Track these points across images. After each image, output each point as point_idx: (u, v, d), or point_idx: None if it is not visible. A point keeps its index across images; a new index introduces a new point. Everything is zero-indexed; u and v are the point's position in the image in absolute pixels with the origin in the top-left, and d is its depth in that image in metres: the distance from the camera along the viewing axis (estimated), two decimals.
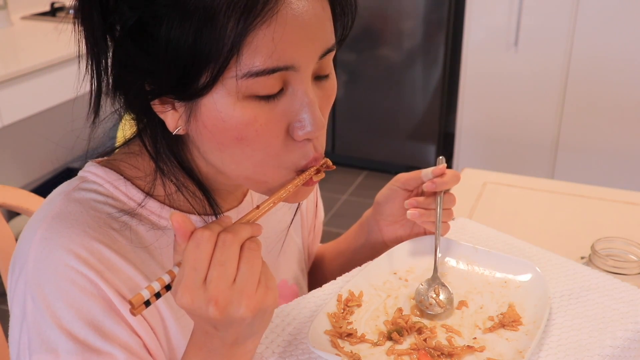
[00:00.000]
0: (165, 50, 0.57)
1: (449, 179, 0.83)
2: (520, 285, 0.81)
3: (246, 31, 0.55)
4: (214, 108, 0.59)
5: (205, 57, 0.56)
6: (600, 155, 2.81)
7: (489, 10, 2.80)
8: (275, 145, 0.61)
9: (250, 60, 0.56)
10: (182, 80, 0.58)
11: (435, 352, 0.70)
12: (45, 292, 0.62)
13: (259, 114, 0.59)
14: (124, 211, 0.67)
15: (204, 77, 0.57)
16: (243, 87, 0.57)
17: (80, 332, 0.62)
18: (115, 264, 0.64)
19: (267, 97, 0.59)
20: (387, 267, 0.84)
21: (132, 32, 0.59)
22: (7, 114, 2.05)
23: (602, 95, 2.72)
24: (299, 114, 0.61)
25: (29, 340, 0.62)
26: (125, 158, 0.70)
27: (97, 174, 0.69)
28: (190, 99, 0.59)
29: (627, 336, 0.72)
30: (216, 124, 0.59)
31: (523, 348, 0.70)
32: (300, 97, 0.60)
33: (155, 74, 0.59)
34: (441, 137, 3.34)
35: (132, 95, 0.63)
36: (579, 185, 1.38)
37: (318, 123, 0.61)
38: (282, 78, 0.59)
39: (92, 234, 0.64)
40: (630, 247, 0.95)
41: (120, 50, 0.61)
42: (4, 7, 2.53)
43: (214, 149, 0.62)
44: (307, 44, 0.59)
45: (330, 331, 0.73)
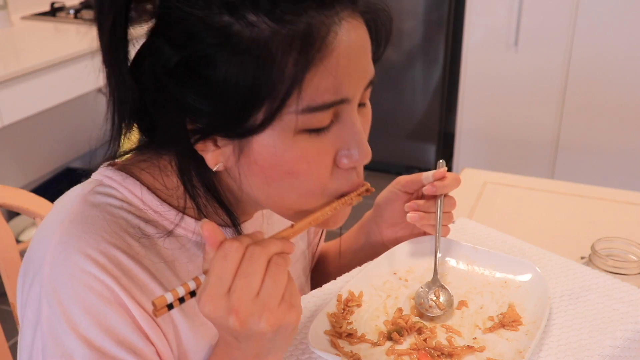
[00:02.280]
0: (220, 91, 0.56)
1: (450, 183, 0.83)
2: (520, 285, 0.81)
3: (307, 67, 0.56)
4: (267, 144, 0.58)
5: (263, 95, 0.56)
6: (600, 155, 2.81)
7: (489, 10, 2.80)
8: (323, 176, 0.62)
9: (311, 95, 0.57)
10: (236, 120, 0.57)
11: (435, 352, 0.70)
12: (62, 297, 0.61)
13: (310, 147, 0.59)
14: (139, 217, 0.66)
15: (260, 115, 0.57)
16: (300, 122, 0.58)
17: (96, 339, 0.61)
18: (131, 270, 0.64)
19: (318, 129, 0.59)
20: (387, 267, 0.84)
21: (174, 70, 0.58)
22: (7, 114, 2.05)
23: (602, 95, 2.72)
24: (347, 144, 0.61)
25: (44, 345, 0.62)
26: (143, 166, 0.69)
27: (113, 178, 0.67)
28: (243, 136, 0.59)
29: (627, 336, 0.72)
30: (268, 159, 0.59)
31: (523, 348, 0.70)
32: (349, 128, 0.61)
33: (204, 114, 0.58)
34: (441, 137, 3.34)
35: (170, 134, 0.61)
36: (579, 185, 1.38)
37: (366, 152, 0.62)
38: (335, 111, 0.60)
39: (109, 239, 0.63)
40: (630, 247, 0.95)
41: (156, 89, 0.59)
42: (4, 7, 2.53)
43: (260, 183, 0.62)
44: (359, 76, 0.61)
45: (330, 331, 0.73)
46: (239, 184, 0.64)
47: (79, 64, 2.25)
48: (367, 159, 0.63)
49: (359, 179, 0.65)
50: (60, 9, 2.73)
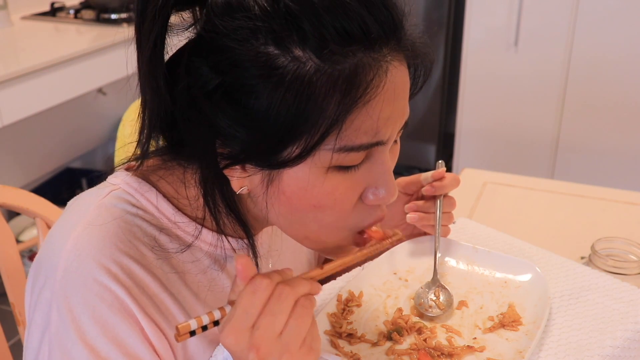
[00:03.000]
0: (258, 121, 0.56)
1: (449, 183, 0.83)
2: (520, 285, 0.81)
3: (349, 110, 0.55)
4: (298, 177, 0.58)
5: (301, 130, 0.55)
6: (600, 155, 2.81)
7: (489, 10, 2.80)
8: (348, 210, 0.62)
9: (349, 136, 0.56)
10: (269, 150, 0.57)
11: (435, 352, 0.70)
12: (72, 305, 0.61)
13: (340, 183, 0.60)
14: (154, 225, 0.66)
15: (296, 149, 0.56)
16: (334, 160, 0.57)
17: (102, 349, 0.61)
18: (143, 280, 0.64)
19: (349, 167, 0.59)
20: (387, 267, 0.84)
21: (211, 93, 0.57)
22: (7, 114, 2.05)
23: (602, 95, 2.72)
24: (375, 182, 0.62)
25: (50, 351, 0.62)
26: (162, 173, 0.68)
27: (130, 185, 0.67)
28: (275, 168, 0.58)
29: (627, 336, 0.72)
30: (297, 192, 0.59)
31: (523, 348, 0.70)
32: (379, 167, 0.61)
33: (238, 141, 0.58)
34: (441, 137, 3.34)
35: (199, 154, 0.61)
36: (579, 185, 1.38)
37: (392, 191, 0.62)
38: (369, 150, 0.60)
39: (123, 248, 0.63)
40: (630, 247, 0.95)
41: (190, 106, 0.59)
42: (4, 7, 2.53)
43: (284, 212, 0.62)
44: (399, 120, 0.61)
45: (330, 331, 0.73)
46: (262, 209, 0.63)
47: (79, 64, 2.25)
48: (393, 198, 0.63)
49: (383, 213, 0.65)
50: (60, 9, 2.73)
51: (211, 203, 0.64)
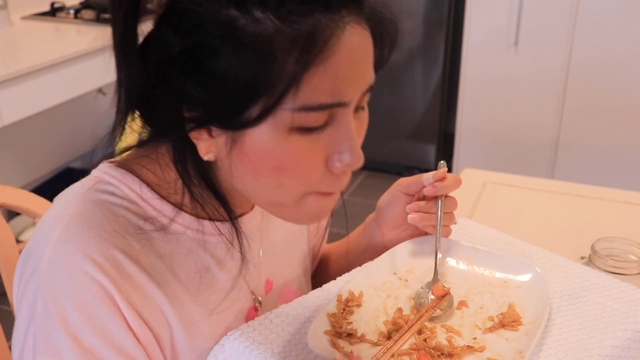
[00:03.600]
0: (220, 82, 0.57)
1: (450, 183, 0.83)
2: (520, 285, 0.81)
3: (306, 67, 0.56)
4: (259, 139, 0.59)
5: (261, 90, 0.56)
6: (600, 155, 2.81)
7: (489, 10, 2.80)
8: (313, 176, 0.62)
9: (308, 95, 0.57)
10: (231, 111, 0.58)
11: (435, 352, 0.70)
12: (58, 296, 0.61)
13: (302, 146, 0.60)
14: (138, 214, 0.67)
15: (256, 109, 0.57)
16: (295, 120, 0.58)
17: (87, 339, 0.61)
18: (127, 270, 0.64)
19: (312, 129, 0.60)
20: (387, 267, 0.84)
21: (177, 59, 0.58)
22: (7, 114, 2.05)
23: (602, 95, 2.72)
24: (340, 147, 0.62)
25: (35, 342, 0.62)
26: (142, 161, 0.69)
27: (112, 175, 0.68)
28: (237, 129, 0.59)
29: (627, 336, 0.72)
30: (258, 154, 0.60)
31: (523, 348, 0.70)
32: (343, 131, 0.61)
33: (201, 102, 0.59)
34: (441, 137, 3.34)
35: (167, 121, 0.62)
36: (579, 185, 1.38)
37: (358, 157, 0.62)
38: (330, 112, 0.60)
39: (108, 238, 0.63)
40: (630, 247, 0.95)
41: (158, 74, 0.60)
42: (4, 7, 2.53)
43: (248, 176, 0.63)
44: (358, 81, 0.61)
45: (330, 331, 0.73)
46: (229, 175, 0.64)
47: (79, 64, 2.25)
48: (359, 164, 0.63)
49: (344, 182, 0.65)
50: (60, 9, 2.73)
51: (184, 173, 0.65)
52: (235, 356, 0.71)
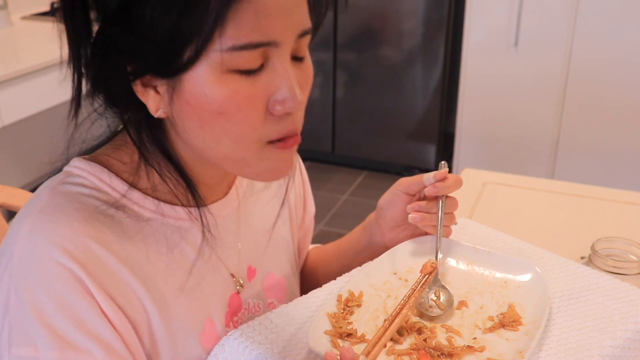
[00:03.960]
0: (149, 29, 0.58)
1: (451, 184, 0.83)
2: (520, 285, 0.81)
3: (229, 4, 0.57)
4: (196, 82, 0.60)
5: (189, 32, 0.58)
6: (600, 155, 2.81)
7: (489, 11, 2.80)
8: (255, 120, 0.63)
9: (234, 33, 0.58)
10: (165, 57, 0.59)
11: (435, 352, 0.70)
12: (30, 285, 0.62)
13: (240, 88, 0.61)
14: (109, 203, 0.67)
15: (187, 52, 0.58)
16: (226, 60, 0.59)
17: (60, 327, 0.62)
18: (100, 257, 0.64)
19: (248, 71, 0.61)
20: (387, 267, 0.84)
21: (114, 15, 0.60)
22: (7, 114, 2.05)
23: (602, 95, 2.72)
24: (278, 89, 0.62)
25: (10, 333, 0.62)
26: (110, 152, 0.71)
27: (81, 168, 0.69)
28: (174, 75, 0.60)
29: (627, 336, 0.72)
30: (198, 98, 0.61)
31: (523, 348, 0.70)
32: (280, 73, 0.62)
33: (139, 53, 0.60)
34: (441, 137, 3.34)
35: (115, 80, 0.63)
36: (579, 185, 1.38)
37: (297, 98, 0.63)
38: (264, 54, 0.61)
39: (78, 227, 0.64)
40: (630, 247, 0.95)
41: (101, 36, 0.62)
42: (4, 7, 2.53)
43: (195, 126, 0.63)
44: (287, 20, 0.61)
45: (330, 331, 0.73)
46: (183, 133, 0.65)
47: None
48: (299, 105, 0.63)
49: (294, 126, 0.66)
50: None
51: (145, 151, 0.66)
52: (235, 356, 0.71)
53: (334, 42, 3.33)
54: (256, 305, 0.84)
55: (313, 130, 3.56)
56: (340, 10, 3.24)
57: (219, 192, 0.78)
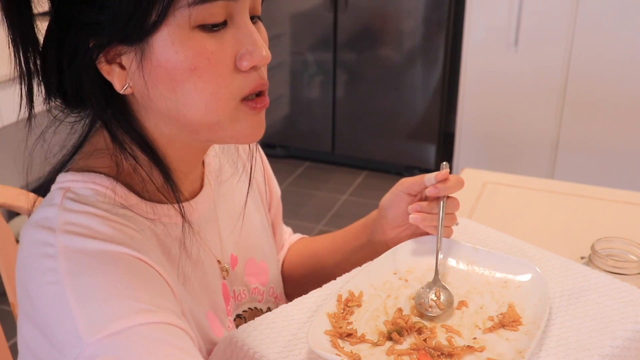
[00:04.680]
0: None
1: (452, 185, 0.84)
2: (520, 285, 0.81)
3: None
4: (165, 43, 0.61)
5: None
6: (600, 155, 2.81)
7: (489, 10, 2.80)
8: (225, 75, 0.64)
9: None
10: (131, 22, 0.60)
11: (435, 352, 0.70)
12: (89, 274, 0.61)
13: (208, 43, 0.62)
14: (115, 203, 0.67)
15: (154, 13, 0.59)
16: (193, 15, 0.60)
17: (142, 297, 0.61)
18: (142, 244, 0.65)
19: (213, 27, 0.62)
20: (387, 267, 0.84)
21: None
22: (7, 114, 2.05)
23: (602, 95, 2.72)
24: (244, 44, 0.64)
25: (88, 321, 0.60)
26: (90, 161, 0.70)
27: (76, 180, 0.68)
28: (142, 38, 0.61)
29: (627, 336, 0.72)
30: (169, 58, 0.62)
31: (523, 348, 0.70)
32: (243, 28, 0.64)
33: (101, 24, 0.61)
34: (441, 137, 3.34)
35: (75, 65, 0.64)
36: (579, 185, 1.38)
37: (262, 51, 0.65)
38: (226, 9, 0.63)
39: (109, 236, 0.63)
40: (630, 247, 0.95)
41: (58, 16, 0.63)
42: None
43: (167, 90, 0.64)
44: None
45: (330, 331, 0.73)
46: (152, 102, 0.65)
47: None
48: (265, 59, 0.65)
49: (262, 79, 0.67)
50: None
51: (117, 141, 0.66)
52: (236, 356, 0.71)
53: (334, 42, 3.33)
54: (242, 292, 0.84)
55: (313, 130, 3.56)
56: (340, 10, 3.24)
57: (196, 185, 0.78)
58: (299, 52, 3.44)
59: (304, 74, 3.48)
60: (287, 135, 3.65)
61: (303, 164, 3.64)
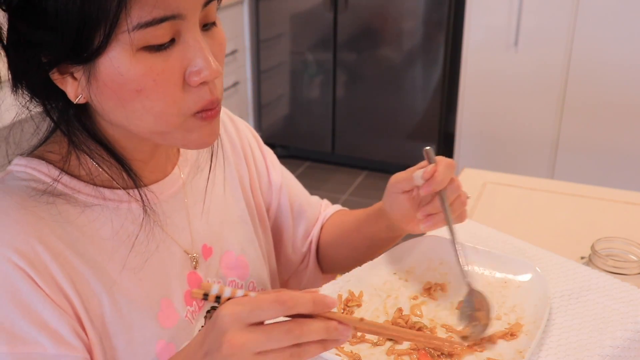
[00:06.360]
0: (56, 19, 0.59)
1: (443, 177, 0.79)
2: (520, 285, 0.81)
3: None
4: (111, 65, 0.61)
5: (95, 18, 0.58)
6: (600, 155, 2.81)
7: (489, 10, 2.80)
8: (174, 94, 0.64)
9: (138, 13, 0.59)
10: (77, 45, 0.60)
11: (435, 352, 0.70)
12: None
13: (154, 64, 0.62)
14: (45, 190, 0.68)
15: (97, 38, 0.59)
16: (135, 39, 0.60)
17: (6, 320, 0.62)
18: (42, 242, 0.65)
19: (160, 47, 0.62)
20: (387, 267, 0.84)
21: (18, 10, 0.61)
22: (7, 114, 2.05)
23: (602, 95, 2.72)
24: (192, 60, 0.64)
25: None
26: (46, 146, 0.72)
27: (20, 164, 0.70)
28: (88, 61, 0.61)
29: (627, 336, 0.72)
30: (115, 79, 0.62)
31: (523, 348, 0.70)
32: (191, 44, 0.63)
33: (50, 44, 0.61)
34: (441, 137, 3.34)
35: (32, 75, 0.64)
36: (579, 185, 1.38)
37: (211, 66, 0.64)
38: (172, 28, 0.62)
39: (15, 216, 0.65)
40: (630, 247, 0.95)
41: (11, 32, 0.63)
42: None
43: (116, 106, 0.64)
44: None
45: None
46: (105, 113, 0.66)
47: None
48: (214, 73, 0.64)
49: (213, 96, 0.66)
50: None
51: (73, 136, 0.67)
52: None
53: (334, 42, 3.33)
54: (217, 283, 0.84)
55: (313, 130, 3.56)
56: (340, 10, 3.24)
57: (159, 172, 0.78)
58: (299, 52, 3.44)
59: (304, 74, 3.48)
60: (287, 135, 3.65)
61: (303, 164, 3.64)
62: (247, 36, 3.48)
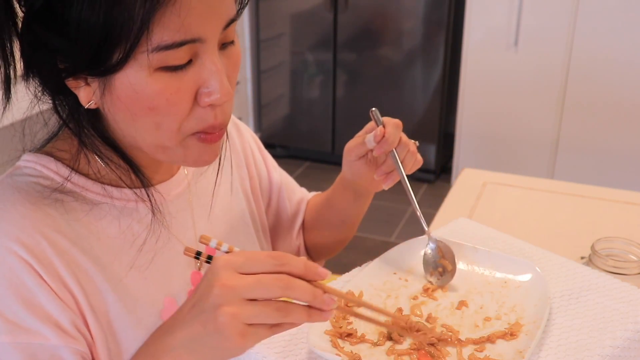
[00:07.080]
0: (77, 31, 0.59)
1: (393, 137, 0.85)
2: (520, 285, 0.81)
3: (154, 9, 0.58)
4: (127, 82, 0.61)
5: (117, 35, 0.58)
6: (600, 155, 2.81)
7: (489, 10, 2.80)
8: (184, 113, 0.64)
9: (160, 35, 0.59)
10: (95, 58, 0.60)
11: (436, 352, 0.70)
12: None
13: (169, 83, 0.62)
14: (53, 188, 0.68)
15: (116, 54, 0.59)
16: (154, 60, 0.60)
17: (9, 311, 0.62)
18: (49, 240, 0.65)
19: (176, 67, 0.62)
20: (387, 267, 0.85)
21: (39, 14, 0.60)
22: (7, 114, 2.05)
23: (602, 95, 2.72)
24: (207, 82, 0.64)
25: None
26: (55, 144, 0.72)
27: (28, 160, 0.71)
28: (104, 75, 0.61)
29: (627, 336, 0.72)
30: (129, 95, 0.62)
31: (523, 348, 0.70)
32: (208, 67, 0.63)
33: (68, 53, 0.61)
34: (441, 137, 3.34)
35: (46, 74, 0.65)
36: (579, 185, 1.38)
37: (225, 90, 0.64)
38: (191, 50, 0.62)
39: (23, 211, 0.65)
40: (630, 247, 0.95)
41: (27, 32, 0.62)
42: None
43: (127, 119, 0.65)
44: (211, 17, 0.62)
45: (330, 331, 0.73)
46: (114, 123, 0.67)
47: None
48: (226, 97, 0.64)
49: (216, 121, 0.66)
50: None
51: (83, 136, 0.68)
52: None
53: (334, 42, 3.33)
54: None
55: (313, 130, 3.56)
56: (340, 10, 3.24)
57: (165, 173, 0.79)
58: (299, 52, 3.44)
59: (304, 74, 3.48)
60: (287, 135, 3.65)
61: (303, 164, 3.64)
62: (247, 36, 3.48)
